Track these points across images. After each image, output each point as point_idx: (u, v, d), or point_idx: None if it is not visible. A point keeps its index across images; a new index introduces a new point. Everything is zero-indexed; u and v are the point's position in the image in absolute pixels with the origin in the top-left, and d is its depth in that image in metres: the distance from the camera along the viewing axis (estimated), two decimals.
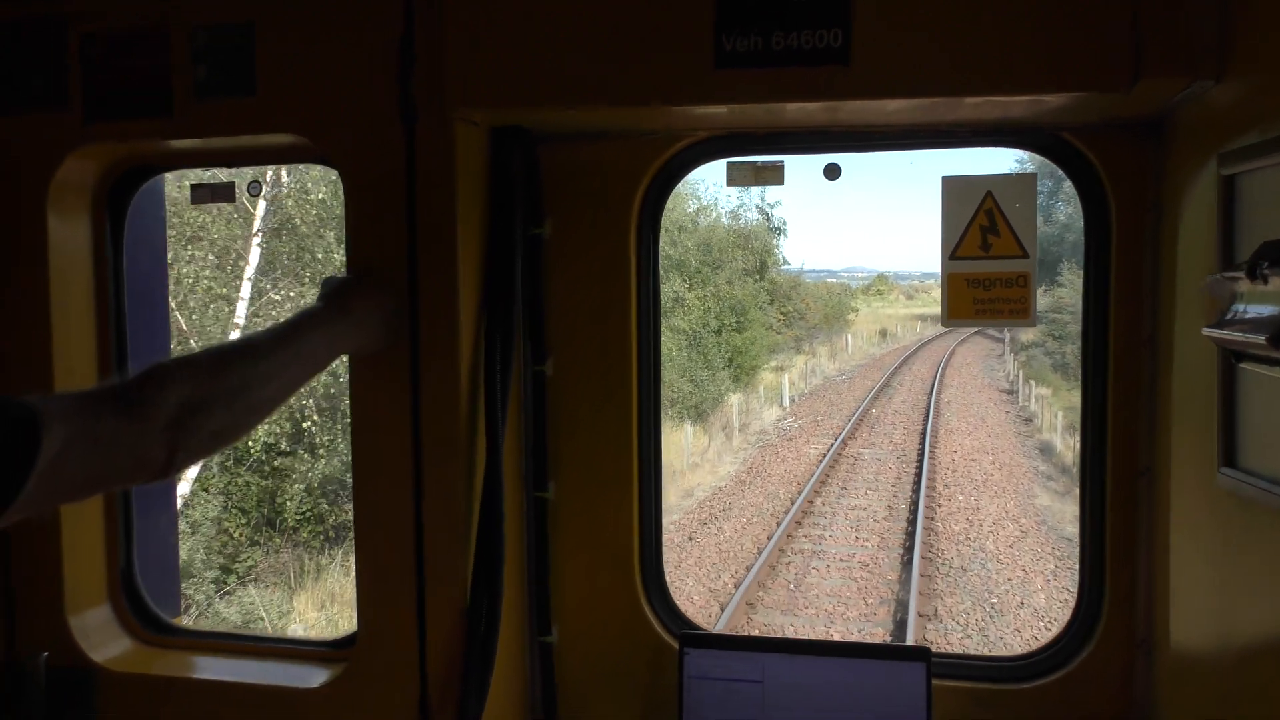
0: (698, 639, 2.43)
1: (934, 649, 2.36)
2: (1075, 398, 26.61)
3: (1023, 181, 2.36)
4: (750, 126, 2.40)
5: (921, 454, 21.60)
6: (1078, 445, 2.49)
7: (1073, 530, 15.33)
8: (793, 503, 17.76)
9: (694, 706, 2.40)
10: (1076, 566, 2.49)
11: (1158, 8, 1.83)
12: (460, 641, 2.28)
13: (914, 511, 17.07)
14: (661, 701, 2.54)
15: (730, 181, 2.52)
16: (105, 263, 2.62)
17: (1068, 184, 2.37)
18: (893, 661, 2.34)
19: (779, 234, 38.94)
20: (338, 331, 2.08)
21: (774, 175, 2.49)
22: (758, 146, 2.46)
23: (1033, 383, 31.99)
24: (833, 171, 2.50)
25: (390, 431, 2.28)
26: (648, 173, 2.47)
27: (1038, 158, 2.42)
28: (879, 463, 21.57)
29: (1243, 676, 1.80)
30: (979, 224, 2.38)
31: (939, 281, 2.33)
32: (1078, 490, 2.46)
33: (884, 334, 59.27)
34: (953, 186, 2.39)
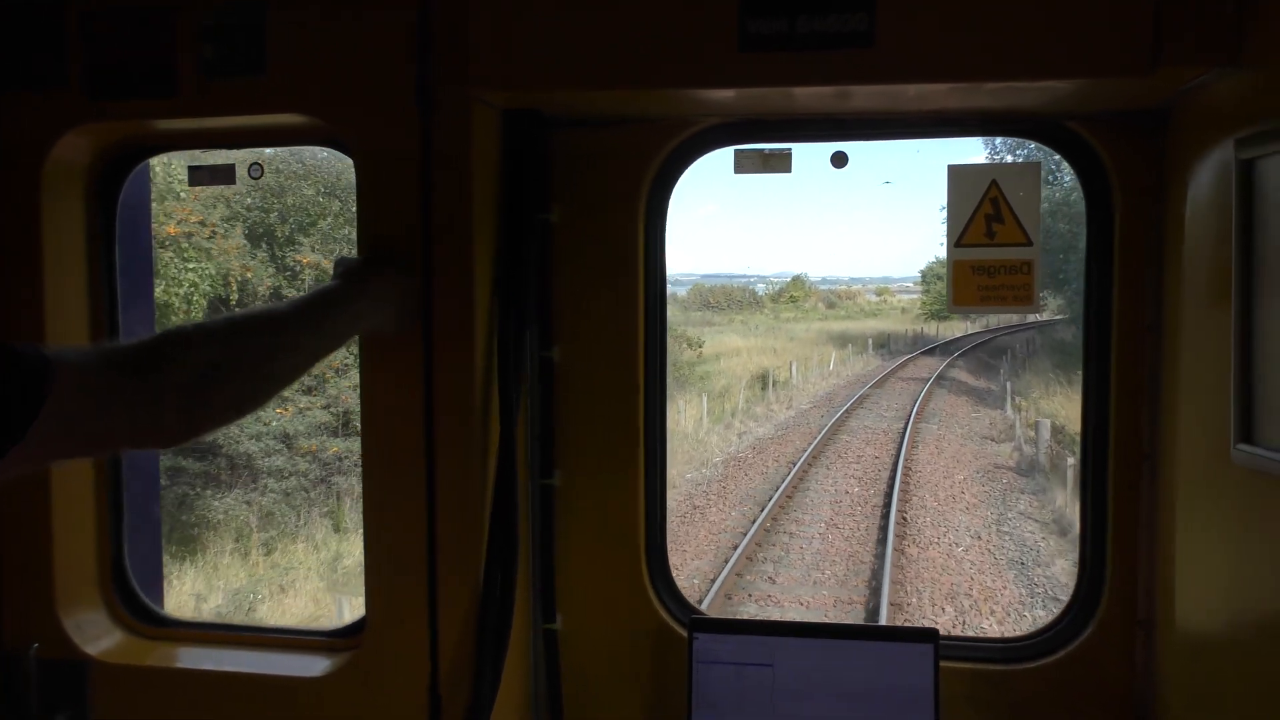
0: (707, 623, 2.43)
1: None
2: None
3: (1027, 170, 2.40)
4: (761, 113, 2.41)
5: None
6: None
7: None
8: None
9: (704, 691, 2.40)
10: None
11: None
12: (472, 629, 2.26)
13: None
14: (668, 687, 2.53)
15: (738, 169, 2.52)
16: (98, 244, 2.55)
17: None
18: (901, 643, 2.37)
19: None
20: (357, 310, 2.06)
21: (782, 163, 2.51)
22: (767, 133, 2.47)
23: None
24: (839, 159, 2.52)
25: (402, 415, 2.25)
26: (656, 159, 2.48)
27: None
28: None
29: (1255, 649, 1.84)
30: (984, 212, 2.42)
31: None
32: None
33: (764, 382, 30.71)
34: (958, 175, 2.43)
